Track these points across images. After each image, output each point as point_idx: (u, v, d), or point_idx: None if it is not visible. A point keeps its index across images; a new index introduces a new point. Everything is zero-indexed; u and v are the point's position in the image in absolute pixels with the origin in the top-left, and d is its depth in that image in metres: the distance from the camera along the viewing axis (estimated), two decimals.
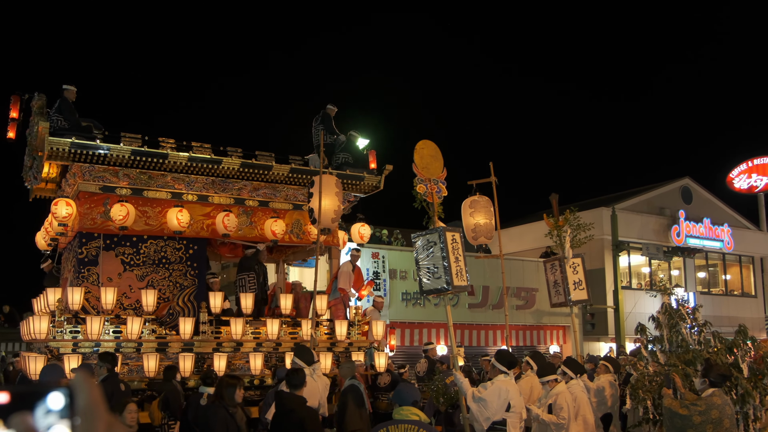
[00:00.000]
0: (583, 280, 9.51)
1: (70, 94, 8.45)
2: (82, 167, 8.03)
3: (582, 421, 6.86)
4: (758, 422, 6.58)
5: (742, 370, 6.65)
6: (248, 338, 8.41)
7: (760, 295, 26.20)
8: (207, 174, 8.66)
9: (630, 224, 22.39)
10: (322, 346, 8.92)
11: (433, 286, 6.48)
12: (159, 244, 8.47)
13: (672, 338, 7.08)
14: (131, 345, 7.76)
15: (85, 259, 8.09)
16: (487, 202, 8.60)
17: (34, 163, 8.87)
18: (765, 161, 28.83)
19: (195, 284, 8.56)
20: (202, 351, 8.14)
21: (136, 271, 8.28)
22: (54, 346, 7.50)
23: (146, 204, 8.35)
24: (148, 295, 7.95)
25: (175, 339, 8.00)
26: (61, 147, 7.66)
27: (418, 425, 3.92)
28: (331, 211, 8.09)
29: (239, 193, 9.02)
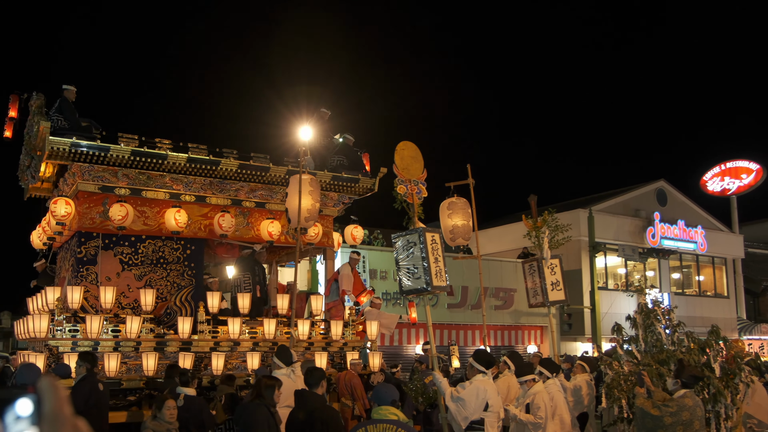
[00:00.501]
0: (561, 280, 9.62)
1: (70, 94, 8.47)
2: (81, 167, 8.06)
3: (559, 420, 6.95)
4: (730, 421, 6.71)
5: (714, 369, 6.77)
6: (245, 338, 8.47)
7: (732, 296, 26.72)
8: (205, 175, 8.73)
9: (606, 226, 22.69)
10: (317, 346, 9.01)
11: (412, 286, 6.51)
12: (157, 244, 8.52)
13: (647, 338, 7.19)
14: (130, 344, 7.79)
15: (84, 258, 8.12)
16: (464, 203, 8.66)
17: (32, 162, 8.89)
18: (737, 164, 29.43)
19: (192, 284, 8.61)
20: (200, 350, 8.19)
21: (134, 271, 8.34)
22: (53, 344, 7.51)
23: (144, 204, 8.40)
24: (147, 294, 7.99)
25: (173, 338, 8.04)
26: (61, 147, 7.70)
27: (396, 425, 3.92)
28: (305, 211, 8.09)
29: (236, 194, 9.11)
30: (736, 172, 29.23)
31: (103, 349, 7.65)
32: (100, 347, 7.61)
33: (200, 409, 6.27)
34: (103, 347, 7.63)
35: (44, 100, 8.09)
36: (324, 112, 10.48)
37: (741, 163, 29.29)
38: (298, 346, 8.52)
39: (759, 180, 28.66)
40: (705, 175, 30.06)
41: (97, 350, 7.57)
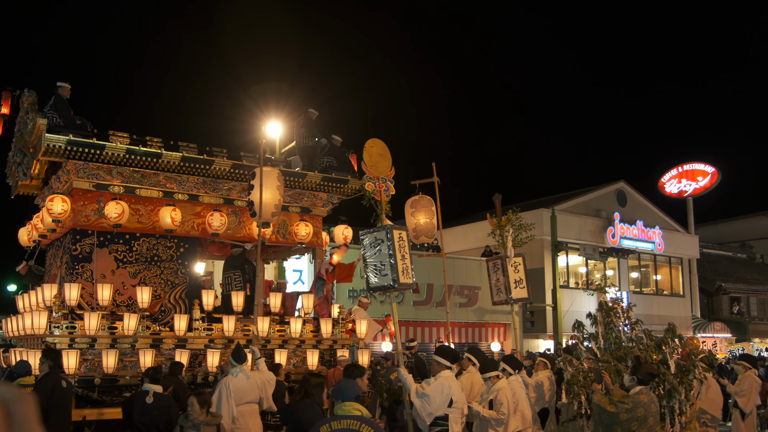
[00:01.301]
0: (524, 278, 9.77)
1: (65, 92, 8.43)
2: (76, 164, 8.05)
3: (520, 416, 7.06)
4: (684, 416, 6.91)
5: (669, 366, 6.96)
6: (239, 335, 8.55)
7: (687, 295, 27.53)
8: (198, 174, 8.77)
9: (568, 225, 23.12)
10: (308, 344, 9.16)
11: (379, 283, 6.53)
12: (151, 242, 8.56)
13: (607, 336, 7.36)
14: (127, 341, 7.84)
15: (79, 255, 8.13)
16: (428, 201, 8.72)
17: (24, 160, 8.85)
18: (694, 167, 30.31)
19: (186, 282, 8.67)
20: (195, 347, 8.25)
21: (129, 269, 8.37)
22: (51, 341, 7.52)
23: (138, 202, 8.44)
24: (144, 292, 8.04)
25: (169, 335, 8.12)
26: (57, 144, 7.69)
27: (360, 420, 3.92)
28: (271, 205, 8.03)
29: (228, 193, 9.16)
30: (693, 175, 30.10)
31: (100, 346, 7.69)
32: (97, 344, 7.66)
33: (168, 407, 6.22)
34: (100, 344, 7.68)
35: (36, 97, 8.08)
36: (312, 112, 10.54)
37: (697, 165, 30.17)
38: (257, 343, 8.50)
39: (714, 182, 29.57)
40: (663, 177, 30.87)
41: (94, 347, 7.63)
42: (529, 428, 7.28)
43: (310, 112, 10.51)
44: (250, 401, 6.71)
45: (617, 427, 5.60)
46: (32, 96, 8.10)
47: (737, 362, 9.25)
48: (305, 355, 9.09)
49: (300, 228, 9.56)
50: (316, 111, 10.52)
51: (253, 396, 6.73)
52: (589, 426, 7.07)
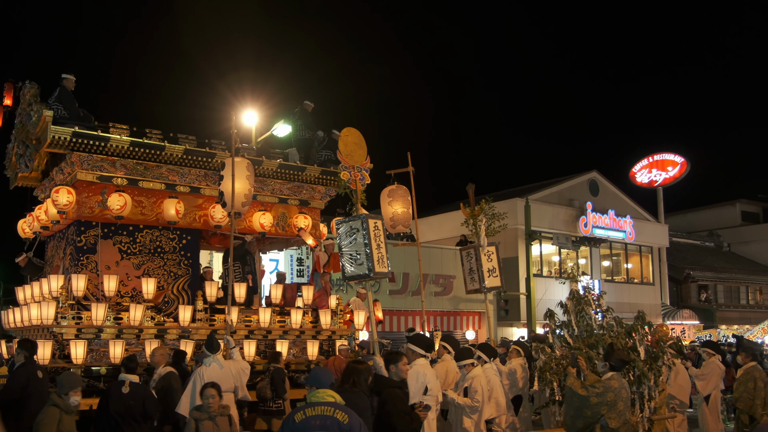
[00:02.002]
0: (497, 267, 9.87)
1: (69, 83, 8.51)
2: (81, 156, 8.10)
3: (495, 403, 7.17)
4: (653, 402, 7.08)
5: (639, 353, 7.11)
6: (240, 326, 8.68)
7: (657, 283, 28.09)
8: (200, 167, 8.86)
9: (542, 215, 23.36)
10: (308, 334, 9.34)
11: (355, 272, 6.55)
12: (154, 234, 8.66)
13: (579, 323, 7.48)
14: (132, 331, 7.95)
15: (84, 247, 8.21)
16: (405, 191, 8.74)
17: (27, 151, 8.90)
18: (664, 157, 30.86)
19: (189, 273, 8.79)
20: (199, 338, 8.34)
21: (132, 260, 8.48)
22: (58, 332, 7.62)
23: (141, 194, 8.51)
24: (149, 283, 8.17)
25: (173, 326, 8.25)
26: (62, 136, 7.75)
27: (334, 406, 3.93)
28: (242, 195, 8.03)
29: None
30: (663, 165, 30.64)
31: (107, 336, 7.81)
32: (103, 334, 7.79)
33: (144, 397, 6.19)
34: (106, 334, 7.80)
35: (38, 89, 8.18)
36: (308, 104, 10.63)
37: (667, 156, 30.72)
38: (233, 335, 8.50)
39: (683, 172, 30.15)
40: (634, 167, 31.37)
41: (100, 337, 7.77)
42: (503, 415, 7.39)
43: (306, 104, 10.59)
44: (225, 390, 6.70)
45: (587, 410, 5.72)
46: (34, 88, 8.19)
47: (702, 349, 9.47)
48: (305, 345, 9.28)
49: (299, 220, 9.72)
50: (311, 103, 10.61)
51: (227, 385, 6.73)
52: (561, 412, 7.20)
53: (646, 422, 6.91)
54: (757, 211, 38.21)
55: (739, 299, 31.65)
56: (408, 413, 5.10)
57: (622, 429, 5.75)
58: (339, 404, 3.97)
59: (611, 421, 5.67)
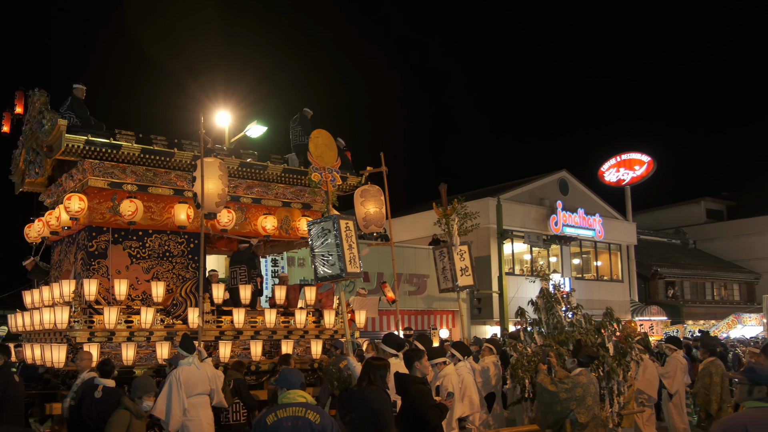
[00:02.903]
0: (470, 266, 9.94)
1: (80, 92, 8.73)
2: (92, 163, 8.27)
3: (468, 401, 7.22)
4: (622, 397, 7.20)
5: (608, 349, 7.24)
6: (246, 327, 8.93)
7: (626, 280, 28.60)
8: None
9: (513, 214, 23.61)
10: (311, 334, 9.50)
11: (328, 273, 6.54)
12: (163, 238, 8.84)
13: (549, 321, 7.58)
14: (143, 334, 8.11)
15: (96, 252, 8.38)
16: (377, 191, 8.77)
17: (37, 158, 9.12)
18: (631, 156, 31.46)
19: (196, 276, 8.97)
20: (206, 339, 8.51)
21: (142, 264, 8.65)
22: (71, 335, 7.79)
23: (150, 200, 8.67)
24: (158, 286, 8.33)
25: (182, 328, 8.42)
26: (76, 144, 7.94)
27: (305, 407, 3.92)
28: (215, 195, 7.98)
29: (235, 190, 9.39)
30: (630, 164, 31.25)
31: (118, 339, 7.97)
32: (115, 337, 7.96)
33: (118, 402, 6.08)
34: (117, 337, 7.98)
35: (48, 97, 8.39)
36: (307, 111, 10.83)
37: (634, 155, 31.33)
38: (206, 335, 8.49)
39: (650, 171, 30.79)
40: (602, 166, 31.92)
41: (112, 340, 7.92)
42: (476, 413, 7.45)
43: (306, 111, 10.82)
44: (201, 393, 6.64)
45: (557, 406, 5.81)
46: (43, 96, 8.43)
47: (665, 345, 9.67)
48: (309, 345, 9.43)
49: (302, 223, 9.86)
50: (310, 110, 10.85)
51: (203, 387, 6.67)
52: (532, 408, 7.29)
53: (616, 416, 7.03)
54: (721, 208, 39.21)
55: (705, 295, 32.42)
56: (437, 406, 5.27)
57: (591, 423, 5.85)
58: (310, 404, 3.98)
59: (580, 416, 5.77)
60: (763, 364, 3.63)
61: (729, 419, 3.61)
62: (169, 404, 6.35)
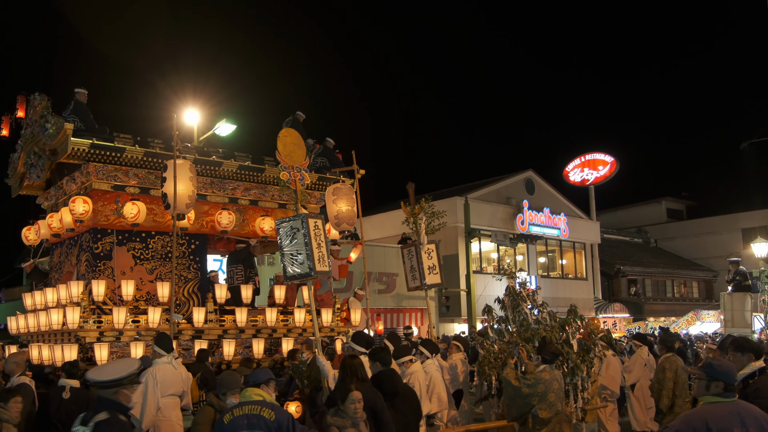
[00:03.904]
0: (437, 264, 10.02)
1: (82, 97, 8.89)
2: (96, 167, 8.40)
3: (437, 398, 7.29)
4: (586, 392, 7.36)
5: (572, 345, 7.38)
6: (248, 325, 9.16)
7: (590, 278, 29.15)
8: (207, 175, 9.27)
9: (481, 213, 23.84)
10: (309, 332, 9.60)
11: (296, 272, 6.52)
12: (165, 240, 9.02)
13: (515, 318, 7.69)
14: (150, 333, 8.19)
15: (101, 253, 8.56)
16: (349, 189, 8.79)
17: (39, 162, 9.25)
18: (595, 157, 32.08)
19: (198, 277, 9.21)
20: (210, 338, 8.77)
21: (146, 265, 8.86)
22: (81, 335, 7.91)
23: (152, 202, 8.74)
24: (164, 287, 8.49)
25: (187, 327, 8.61)
26: (81, 147, 8.09)
27: (260, 405, 4.03)
28: (185, 196, 7.99)
29: (233, 192, 9.66)
30: (594, 164, 31.85)
31: (126, 338, 8.14)
32: (123, 337, 8.12)
33: (87, 402, 6.06)
34: (125, 337, 8.15)
35: (49, 101, 8.56)
36: (299, 114, 11.05)
37: (598, 155, 31.95)
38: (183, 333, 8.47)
39: (613, 171, 31.43)
40: (567, 166, 32.46)
41: (120, 340, 8.09)
42: (444, 410, 7.53)
43: (298, 114, 11.04)
44: (173, 393, 6.60)
45: (519, 400, 5.91)
46: (44, 100, 8.57)
47: (632, 341, 9.97)
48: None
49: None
50: (303, 114, 11.08)
51: (176, 388, 6.63)
52: (499, 404, 7.40)
53: (580, 412, 7.17)
54: (681, 208, 40.26)
55: (666, 293, 33.26)
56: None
57: (554, 419, 5.95)
58: (266, 402, 4.08)
59: (541, 411, 5.87)
60: (721, 361, 3.75)
61: (690, 414, 3.73)
62: (144, 402, 6.30)
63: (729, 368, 3.68)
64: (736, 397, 3.64)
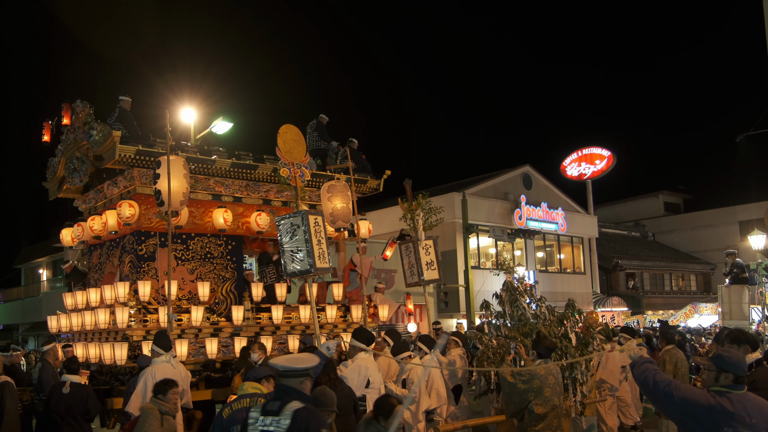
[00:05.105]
0: (435, 260, 10.04)
1: (126, 104, 9.22)
2: (140, 171, 8.74)
3: (435, 394, 7.31)
4: (585, 386, 7.39)
5: (571, 339, 7.41)
6: (283, 323, 9.51)
7: (588, 272, 29.20)
8: (243, 178, 9.63)
9: (478, 208, 23.86)
10: (340, 327, 10.04)
11: (297, 268, 6.54)
12: (204, 241, 9.43)
13: (513, 313, 7.70)
14: (192, 331, 8.62)
15: (145, 255, 8.90)
16: (344, 186, 8.79)
17: (83, 167, 9.60)
18: (592, 151, 32.10)
19: (235, 276, 9.56)
20: (247, 335, 9.06)
21: (187, 266, 9.21)
22: (129, 334, 8.21)
23: (192, 205, 9.02)
24: (204, 287, 8.85)
25: (226, 325, 8.99)
26: (128, 154, 8.41)
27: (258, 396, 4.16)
28: (179, 193, 7.94)
29: (267, 194, 10.00)
30: (591, 158, 31.88)
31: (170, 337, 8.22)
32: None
33: (86, 397, 6.14)
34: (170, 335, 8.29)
35: (92, 108, 8.89)
36: (323, 117, 11.31)
37: (595, 150, 31.97)
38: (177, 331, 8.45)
39: (610, 165, 31.46)
40: (564, 161, 32.48)
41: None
42: (444, 405, 7.55)
43: (322, 117, 11.34)
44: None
45: (515, 397, 5.93)
46: (87, 107, 8.92)
47: (620, 334, 9.97)
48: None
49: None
50: (326, 117, 11.40)
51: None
52: (498, 399, 7.42)
53: (579, 405, 7.20)
54: (678, 201, 40.33)
55: (663, 286, 33.34)
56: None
57: (551, 414, 5.96)
58: (262, 394, 4.13)
59: (537, 407, 5.88)
60: (731, 352, 3.76)
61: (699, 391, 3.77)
62: (143, 401, 6.29)
63: (739, 360, 3.70)
64: (745, 389, 3.66)
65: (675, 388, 3.75)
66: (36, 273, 37.20)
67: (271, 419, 3.36)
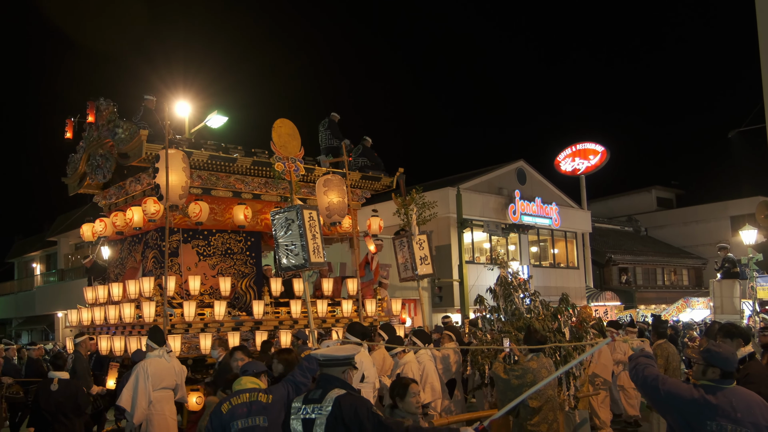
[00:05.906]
0: (429, 255, 10.07)
1: (151, 104, 9.32)
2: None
3: (430, 388, 7.34)
4: (578, 380, 7.44)
5: (564, 334, 7.44)
6: (301, 317, 9.63)
7: (581, 267, 29.31)
8: (262, 175, 9.72)
9: (473, 203, 23.88)
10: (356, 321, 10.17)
11: (291, 263, 6.54)
12: (225, 237, 9.58)
13: (507, 308, 7.73)
14: (215, 325, 8.75)
15: (168, 250, 8.82)
16: (339, 180, 8.79)
17: (106, 163, 9.67)
18: (586, 146, 32.18)
19: (254, 272, 9.73)
20: (267, 329, 9.21)
21: (208, 261, 9.38)
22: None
23: (213, 202, 9.26)
24: (226, 282, 8.97)
25: (247, 319, 9.15)
26: (153, 152, 8.43)
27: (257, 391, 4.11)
28: (178, 187, 7.93)
29: (284, 191, 9.91)
30: (585, 154, 31.97)
31: (194, 330, 8.55)
32: (191, 329, 8.51)
33: (75, 393, 6.12)
34: (194, 329, 8.56)
35: (115, 106, 9.08)
36: (334, 115, 11.43)
37: (589, 145, 32.05)
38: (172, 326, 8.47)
39: (604, 161, 31.55)
40: (558, 156, 32.55)
41: (188, 331, 8.49)
42: (438, 399, 7.59)
43: (333, 115, 11.45)
44: (166, 387, 6.59)
45: (509, 393, 5.95)
46: (110, 105, 9.12)
47: (607, 329, 10.06)
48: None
49: (345, 221, 10.26)
50: (338, 115, 11.52)
51: (169, 381, 6.62)
52: (492, 393, 7.46)
53: (572, 399, 7.25)
54: (670, 196, 40.52)
55: (656, 280, 33.51)
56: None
57: (545, 407, 5.99)
58: (260, 389, 4.13)
59: (531, 401, 5.89)
60: (721, 347, 3.75)
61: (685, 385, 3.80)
62: (135, 395, 6.31)
63: (727, 355, 3.68)
64: (734, 384, 3.65)
65: (661, 382, 3.77)
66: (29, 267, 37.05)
67: (313, 406, 3.43)
